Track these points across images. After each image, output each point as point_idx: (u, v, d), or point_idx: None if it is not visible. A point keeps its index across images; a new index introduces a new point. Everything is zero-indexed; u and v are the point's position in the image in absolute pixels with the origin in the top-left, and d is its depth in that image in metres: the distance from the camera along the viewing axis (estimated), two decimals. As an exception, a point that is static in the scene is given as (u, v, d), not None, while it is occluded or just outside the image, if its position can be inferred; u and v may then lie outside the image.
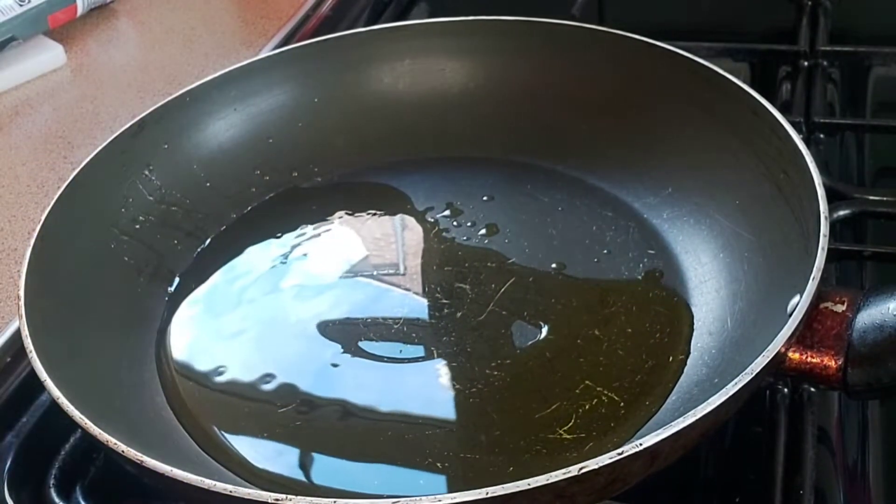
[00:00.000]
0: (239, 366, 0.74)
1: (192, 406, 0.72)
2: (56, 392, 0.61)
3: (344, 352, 0.74)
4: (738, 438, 0.71)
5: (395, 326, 0.76)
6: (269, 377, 0.73)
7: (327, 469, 0.65)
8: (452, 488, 0.64)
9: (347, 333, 0.76)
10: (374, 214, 0.88)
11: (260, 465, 0.66)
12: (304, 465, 0.66)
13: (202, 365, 0.75)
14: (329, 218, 0.88)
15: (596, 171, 0.87)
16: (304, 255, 0.83)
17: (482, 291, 0.78)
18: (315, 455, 0.66)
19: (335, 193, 0.90)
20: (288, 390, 0.72)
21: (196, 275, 0.83)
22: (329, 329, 0.76)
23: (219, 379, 0.74)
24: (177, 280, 0.82)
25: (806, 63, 1.05)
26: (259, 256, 0.84)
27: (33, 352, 0.64)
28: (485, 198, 0.87)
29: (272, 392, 0.72)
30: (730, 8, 1.19)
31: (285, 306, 0.78)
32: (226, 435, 0.69)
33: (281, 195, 0.91)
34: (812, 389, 0.72)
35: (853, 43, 1.07)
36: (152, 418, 0.71)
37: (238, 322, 0.78)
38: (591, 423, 0.67)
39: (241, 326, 0.78)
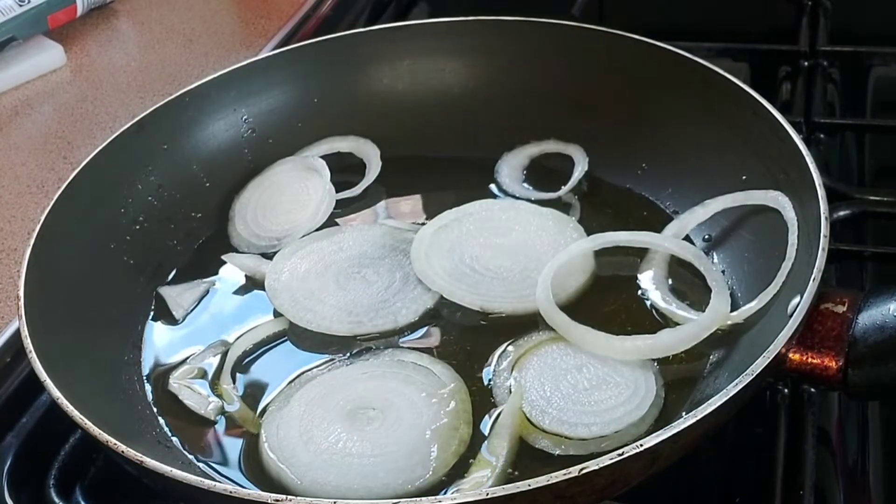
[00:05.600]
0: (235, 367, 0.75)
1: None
2: (56, 392, 0.61)
3: (343, 351, 0.75)
4: (738, 439, 0.71)
5: (395, 326, 0.76)
6: (267, 379, 0.73)
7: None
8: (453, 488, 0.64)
9: (346, 333, 0.76)
10: (375, 214, 0.88)
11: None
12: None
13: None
14: (329, 217, 0.88)
15: (596, 171, 0.87)
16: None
17: (483, 291, 0.78)
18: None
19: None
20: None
21: (195, 275, 0.83)
22: (330, 330, 0.76)
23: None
24: (175, 280, 0.83)
25: (806, 63, 1.05)
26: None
27: (33, 352, 0.64)
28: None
29: (267, 392, 0.72)
30: (730, 8, 1.19)
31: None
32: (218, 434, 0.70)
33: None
34: (812, 390, 0.72)
35: (853, 43, 1.07)
36: (152, 418, 0.71)
37: (236, 322, 0.79)
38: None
39: (240, 326, 0.78)
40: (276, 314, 0.78)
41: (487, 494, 0.52)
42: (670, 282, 0.76)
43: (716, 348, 0.70)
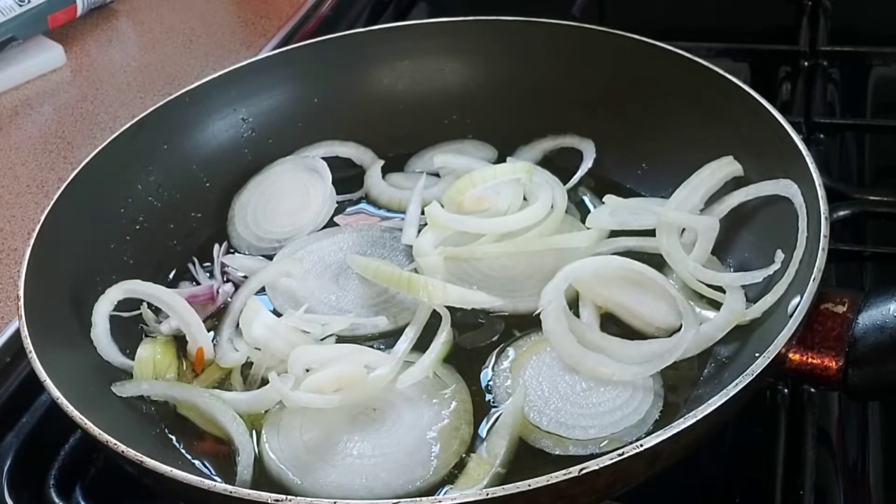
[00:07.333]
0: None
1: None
2: (56, 392, 0.61)
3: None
4: (738, 439, 0.71)
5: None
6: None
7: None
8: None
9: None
10: (375, 214, 0.88)
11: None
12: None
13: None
14: (329, 217, 0.88)
15: (596, 171, 0.87)
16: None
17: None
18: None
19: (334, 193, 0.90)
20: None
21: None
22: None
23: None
24: (175, 280, 0.83)
25: (806, 63, 1.05)
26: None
27: (33, 352, 0.64)
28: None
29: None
30: (730, 8, 1.19)
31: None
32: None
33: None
34: (812, 390, 0.72)
35: (853, 43, 1.07)
36: (152, 418, 0.71)
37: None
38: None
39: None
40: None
41: (487, 494, 0.52)
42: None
43: (716, 348, 0.70)
